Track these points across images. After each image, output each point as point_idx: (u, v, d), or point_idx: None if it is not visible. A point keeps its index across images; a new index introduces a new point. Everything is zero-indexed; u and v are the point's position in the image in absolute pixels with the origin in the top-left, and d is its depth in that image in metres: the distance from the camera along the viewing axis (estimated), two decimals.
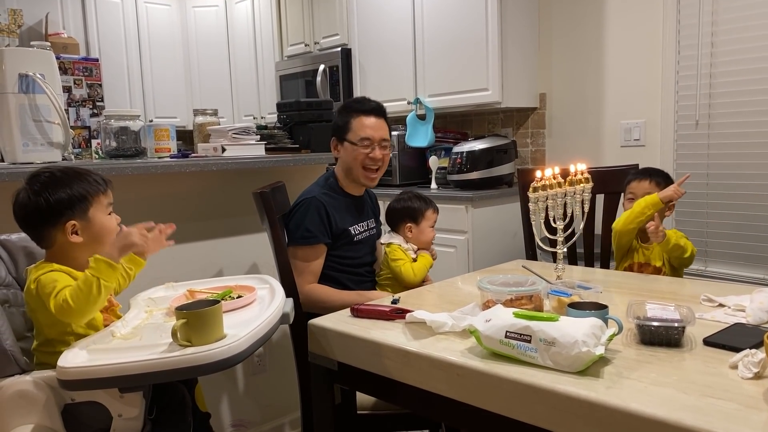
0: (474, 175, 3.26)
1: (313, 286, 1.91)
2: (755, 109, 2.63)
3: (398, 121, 3.70)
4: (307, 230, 1.90)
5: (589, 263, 2.28)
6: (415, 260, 2.04)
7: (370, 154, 1.97)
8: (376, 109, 2.01)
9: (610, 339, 1.09)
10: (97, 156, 2.26)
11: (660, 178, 2.06)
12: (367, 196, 2.14)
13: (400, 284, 1.98)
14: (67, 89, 2.28)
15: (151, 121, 3.20)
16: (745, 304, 1.34)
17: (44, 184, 1.31)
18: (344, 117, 2.01)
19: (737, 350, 1.06)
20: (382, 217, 2.20)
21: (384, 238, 2.11)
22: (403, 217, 2.08)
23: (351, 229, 2.00)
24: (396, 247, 2.03)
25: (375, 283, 2.08)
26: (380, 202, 2.25)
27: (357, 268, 2.03)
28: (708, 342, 1.15)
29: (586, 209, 1.65)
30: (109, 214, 1.39)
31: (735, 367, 1.02)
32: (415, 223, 2.06)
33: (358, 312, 1.42)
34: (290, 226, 1.94)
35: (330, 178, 2.04)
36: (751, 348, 1.04)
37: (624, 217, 1.99)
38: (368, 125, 1.98)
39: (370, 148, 1.97)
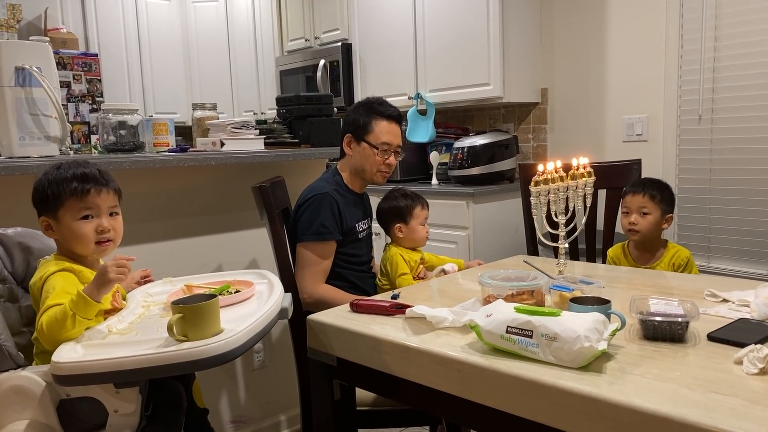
0: (475, 171, 3.24)
1: (327, 288, 1.89)
2: (759, 103, 2.61)
3: None
4: (322, 225, 1.88)
5: (591, 258, 2.26)
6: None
7: (387, 160, 1.97)
8: (397, 117, 2.02)
9: (613, 334, 1.08)
10: (96, 151, 2.25)
11: (655, 191, 1.98)
12: (364, 196, 2.13)
13: None
14: (66, 85, 2.25)
15: (151, 116, 3.19)
16: (749, 299, 1.32)
17: (46, 172, 1.32)
18: (366, 117, 1.98)
19: (742, 345, 1.04)
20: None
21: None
22: (391, 217, 2.03)
23: (356, 226, 1.99)
24: (397, 254, 1.99)
25: (374, 277, 2.08)
26: (378, 199, 2.22)
27: (360, 266, 2.04)
28: (712, 337, 1.14)
29: (589, 203, 1.63)
30: (85, 218, 1.31)
31: (740, 362, 1.01)
32: (404, 223, 2.01)
33: (358, 307, 1.40)
34: (301, 221, 1.91)
35: (336, 175, 2.02)
36: (756, 343, 1.02)
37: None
38: (390, 131, 1.98)
39: (387, 154, 1.97)
